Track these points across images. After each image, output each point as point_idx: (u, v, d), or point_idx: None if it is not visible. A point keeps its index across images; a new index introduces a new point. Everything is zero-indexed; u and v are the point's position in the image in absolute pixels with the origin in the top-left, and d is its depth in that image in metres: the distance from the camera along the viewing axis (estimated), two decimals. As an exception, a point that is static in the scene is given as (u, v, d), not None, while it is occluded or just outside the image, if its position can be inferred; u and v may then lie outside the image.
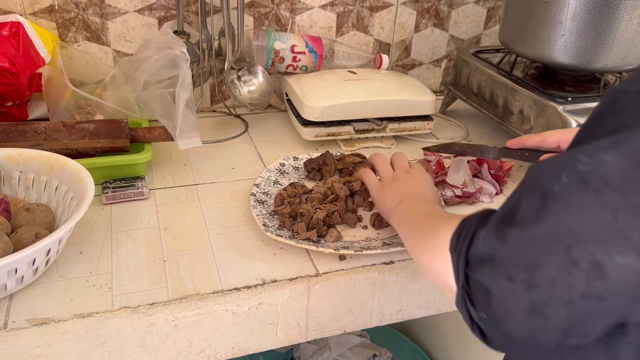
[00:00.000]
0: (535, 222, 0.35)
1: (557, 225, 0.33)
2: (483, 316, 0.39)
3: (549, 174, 0.35)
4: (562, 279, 0.33)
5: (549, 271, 0.34)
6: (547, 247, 0.34)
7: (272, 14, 1.02)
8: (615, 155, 0.32)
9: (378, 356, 1.16)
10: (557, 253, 0.33)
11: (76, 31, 0.93)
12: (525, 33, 0.88)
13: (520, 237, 0.36)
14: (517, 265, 0.36)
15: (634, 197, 0.31)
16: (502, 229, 0.37)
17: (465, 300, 0.40)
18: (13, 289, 0.55)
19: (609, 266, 0.32)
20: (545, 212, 0.34)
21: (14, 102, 0.82)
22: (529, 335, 0.37)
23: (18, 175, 0.67)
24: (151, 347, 0.58)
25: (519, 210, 0.36)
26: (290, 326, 0.64)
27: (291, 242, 0.64)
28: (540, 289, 0.34)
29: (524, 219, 0.36)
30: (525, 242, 0.35)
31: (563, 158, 0.34)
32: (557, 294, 0.34)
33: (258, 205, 0.72)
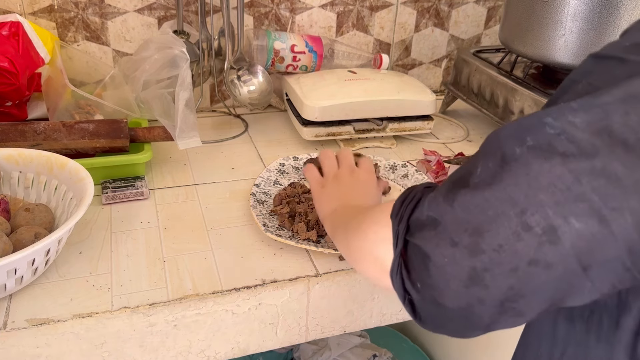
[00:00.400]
0: (490, 185, 0.33)
1: (513, 187, 0.32)
2: (417, 285, 0.37)
3: (512, 137, 0.33)
4: (510, 245, 0.32)
5: (497, 236, 0.32)
6: (499, 211, 0.32)
7: (272, 14, 1.02)
8: (584, 117, 0.30)
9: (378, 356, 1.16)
10: (509, 217, 0.32)
11: (76, 31, 0.93)
12: (525, 33, 0.87)
13: (471, 199, 0.34)
14: (463, 229, 0.34)
15: (599, 161, 0.30)
16: (453, 191, 0.36)
17: (401, 267, 0.39)
18: (13, 289, 0.55)
19: (564, 231, 0.30)
20: (503, 175, 0.33)
21: (13, 102, 0.82)
22: (464, 307, 0.35)
23: (17, 175, 0.67)
24: (151, 347, 0.58)
25: (473, 174, 0.35)
26: (290, 326, 0.64)
27: (291, 242, 0.64)
28: (485, 255, 0.33)
29: (478, 182, 0.34)
30: (476, 204, 0.34)
31: (529, 120, 0.33)
32: (502, 260, 0.33)
33: (258, 205, 0.72)
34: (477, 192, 0.34)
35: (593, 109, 0.30)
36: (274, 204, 0.72)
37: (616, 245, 0.30)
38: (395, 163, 0.84)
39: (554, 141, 0.31)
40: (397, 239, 0.39)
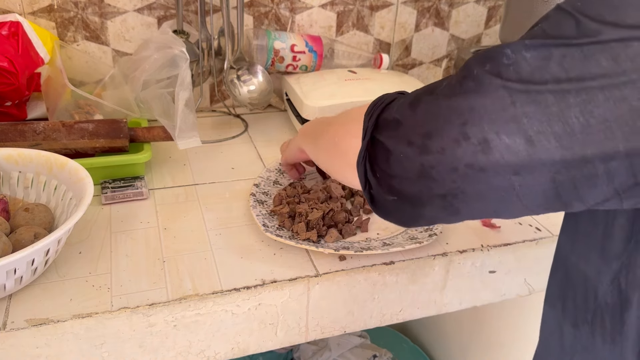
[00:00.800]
0: (446, 96, 0.38)
1: (462, 102, 0.37)
2: (377, 175, 0.43)
3: (477, 61, 0.37)
4: (451, 149, 0.37)
5: (441, 140, 0.38)
6: (446, 119, 0.37)
7: (272, 13, 1.02)
8: (532, 54, 0.34)
9: (378, 357, 1.15)
10: (453, 125, 0.37)
11: (75, 31, 0.93)
12: (525, 32, 0.87)
13: (429, 107, 0.39)
14: (417, 132, 0.40)
15: (534, 90, 0.34)
16: (418, 98, 0.41)
17: (366, 158, 0.44)
18: (12, 290, 0.55)
19: (495, 144, 0.35)
20: (459, 90, 0.37)
21: (13, 102, 0.82)
22: (415, 194, 0.41)
23: (17, 175, 0.67)
24: (150, 347, 0.58)
25: (439, 87, 0.40)
26: (290, 327, 0.63)
27: (291, 243, 0.64)
28: (431, 155, 0.38)
29: (439, 93, 0.39)
30: (432, 112, 0.39)
31: (493, 50, 0.37)
32: (444, 161, 0.38)
33: (258, 205, 0.71)
34: (436, 101, 0.39)
35: (541, 49, 0.34)
36: (274, 204, 0.72)
37: (541, 165, 0.34)
38: None
39: (505, 69, 0.35)
40: (365, 133, 0.45)
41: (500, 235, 0.70)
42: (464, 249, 0.68)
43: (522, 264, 0.71)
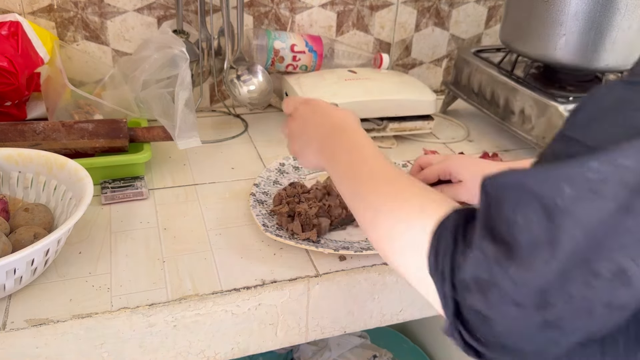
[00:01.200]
0: (550, 246, 0.31)
1: (569, 243, 0.31)
2: (482, 340, 0.36)
3: (543, 185, 0.32)
4: (581, 294, 0.31)
5: (564, 291, 0.31)
6: (564, 269, 0.31)
7: (272, 13, 1.02)
8: (637, 158, 0.29)
9: (378, 357, 1.15)
10: (575, 272, 0.31)
11: (75, 30, 0.93)
12: (526, 32, 0.87)
13: (531, 264, 0.32)
14: (526, 292, 0.32)
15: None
16: (502, 252, 0.33)
17: (459, 328, 0.37)
18: (12, 290, 0.55)
19: (634, 272, 0.30)
20: (558, 233, 0.31)
21: (12, 102, 0.82)
22: (538, 350, 0.34)
23: (17, 175, 0.67)
24: (150, 347, 0.58)
25: (516, 229, 0.33)
26: (290, 327, 0.63)
27: (290, 242, 0.64)
28: (556, 308, 0.32)
29: (531, 242, 0.32)
30: (537, 268, 0.32)
31: (561, 165, 0.31)
32: (575, 308, 0.32)
33: (257, 205, 0.71)
34: (536, 256, 0.32)
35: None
36: (273, 204, 0.72)
37: None
38: (396, 163, 0.84)
39: (599, 187, 0.30)
40: (445, 300, 0.37)
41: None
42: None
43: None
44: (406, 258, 0.42)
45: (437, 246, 0.38)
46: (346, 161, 0.52)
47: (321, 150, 0.56)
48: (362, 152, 0.52)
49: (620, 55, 0.82)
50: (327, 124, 0.57)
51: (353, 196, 0.49)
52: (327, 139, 0.56)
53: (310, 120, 0.59)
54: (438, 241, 0.38)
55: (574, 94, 0.85)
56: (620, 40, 0.80)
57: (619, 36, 0.79)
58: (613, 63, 0.82)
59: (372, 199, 0.46)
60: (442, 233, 0.39)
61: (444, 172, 0.69)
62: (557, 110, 0.82)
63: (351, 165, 0.51)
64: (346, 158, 0.52)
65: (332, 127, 0.57)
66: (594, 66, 0.83)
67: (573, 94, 0.85)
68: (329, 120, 0.58)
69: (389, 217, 0.44)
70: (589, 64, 0.83)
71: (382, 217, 0.44)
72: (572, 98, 0.83)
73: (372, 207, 0.46)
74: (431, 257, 0.39)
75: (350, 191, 0.50)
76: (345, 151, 0.53)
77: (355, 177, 0.49)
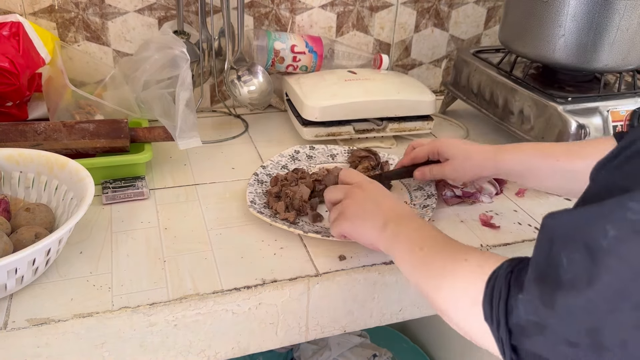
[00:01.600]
0: (590, 284, 0.32)
1: (616, 283, 0.31)
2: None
3: (588, 227, 0.32)
4: (635, 338, 0.31)
5: (617, 332, 0.32)
6: (610, 308, 0.31)
7: (272, 14, 1.02)
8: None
9: (378, 356, 1.16)
10: (624, 311, 0.31)
11: (76, 31, 0.93)
12: (525, 33, 0.88)
13: (575, 301, 0.33)
14: (576, 330, 0.33)
15: None
16: (548, 293, 0.34)
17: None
18: (13, 289, 0.55)
19: None
20: (599, 271, 0.31)
21: (14, 102, 0.82)
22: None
23: (18, 175, 0.67)
24: (151, 347, 0.58)
25: (560, 268, 0.33)
26: (290, 326, 0.64)
27: (267, 220, 0.67)
28: (611, 352, 0.32)
29: (573, 280, 0.33)
30: (582, 306, 0.32)
31: (601, 208, 0.32)
32: (631, 353, 0.31)
33: (256, 184, 0.74)
34: (579, 293, 0.33)
35: None
36: (270, 185, 0.74)
37: None
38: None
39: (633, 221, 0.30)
40: (502, 345, 0.39)
41: (500, 235, 0.70)
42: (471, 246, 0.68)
43: (522, 264, 0.72)
44: (469, 313, 0.43)
45: (491, 293, 0.40)
46: (414, 236, 0.54)
47: (383, 228, 0.57)
48: (425, 230, 0.55)
49: (619, 56, 0.82)
50: (389, 208, 0.60)
51: (418, 267, 0.51)
52: (391, 221, 0.57)
53: (369, 203, 0.61)
54: (492, 288, 0.40)
55: (573, 94, 0.85)
56: (619, 41, 0.80)
57: (618, 37, 0.80)
58: (612, 63, 0.83)
59: (438, 265, 0.49)
60: (496, 281, 0.40)
61: (433, 151, 0.73)
62: (556, 111, 0.82)
63: (419, 240, 0.53)
64: (414, 234, 0.54)
65: (394, 211, 0.59)
66: (592, 66, 0.84)
67: (572, 94, 0.86)
68: (390, 204, 0.60)
69: (451, 278, 0.46)
70: (587, 64, 0.83)
71: (445, 280, 0.47)
72: (571, 98, 0.83)
73: (438, 272, 0.48)
74: (486, 304, 0.40)
75: (415, 263, 0.52)
76: (412, 229, 0.55)
77: (422, 248, 0.52)
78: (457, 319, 0.46)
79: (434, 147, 0.73)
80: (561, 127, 0.81)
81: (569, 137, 0.80)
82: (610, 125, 0.82)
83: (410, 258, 0.53)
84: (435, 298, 0.48)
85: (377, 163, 0.84)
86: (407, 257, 0.53)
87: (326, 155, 0.87)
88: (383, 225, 0.57)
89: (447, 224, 0.73)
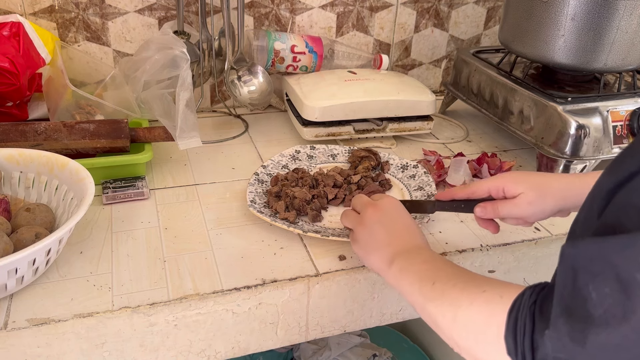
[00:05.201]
0: (623, 319, 0.31)
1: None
2: None
3: (618, 258, 0.31)
4: None
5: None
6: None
7: (272, 14, 1.02)
8: None
9: (378, 356, 1.16)
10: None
11: (76, 31, 0.93)
12: (525, 33, 0.88)
13: (607, 338, 0.31)
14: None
15: None
16: (578, 330, 0.33)
17: None
18: (13, 289, 0.55)
19: None
20: (635, 306, 0.30)
21: (14, 102, 0.82)
22: None
23: (18, 175, 0.67)
24: (151, 347, 0.58)
25: (589, 302, 0.32)
26: (290, 326, 0.64)
27: (267, 219, 0.67)
28: None
29: (605, 316, 0.31)
30: (616, 344, 0.31)
31: (633, 239, 0.31)
32: None
33: (256, 184, 0.74)
34: (611, 329, 0.31)
35: None
36: (270, 184, 0.74)
37: None
38: (408, 163, 0.84)
39: None
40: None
41: (499, 235, 0.70)
42: (464, 248, 0.68)
43: (522, 264, 0.72)
44: (490, 347, 0.41)
45: (514, 326, 0.38)
46: (424, 269, 0.52)
47: (390, 264, 0.55)
48: (437, 262, 0.52)
49: (619, 56, 0.82)
50: (399, 237, 0.57)
51: (431, 300, 0.48)
52: (399, 255, 0.55)
53: (380, 229, 0.58)
54: (515, 321, 0.38)
55: (573, 95, 0.85)
56: (619, 41, 0.80)
57: (618, 37, 0.80)
58: (611, 64, 0.83)
59: (453, 296, 0.46)
60: (518, 312, 0.38)
61: (497, 188, 0.63)
62: (556, 111, 0.82)
63: (429, 272, 0.51)
64: (423, 267, 0.52)
65: (404, 241, 0.57)
66: (592, 67, 0.84)
67: (572, 94, 0.86)
68: (401, 231, 0.58)
69: (470, 310, 0.44)
70: (587, 64, 0.83)
71: (461, 312, 0.44)
72: (571, 98, 0.84)
73: (453, 305, 0.45)
74: (509, 338, 0.38)
75: (427, 296, 0.49)
76: (421, 262, 0.53)
77: (435, 282, 0.49)
78: (475, 351, 0.43)
79: (497, 184, 0.63)
80: (561, 127, 0.81)
81: (569, 137, 0.80)
82: (610, 126, 0.82)
83: (420, 292, 0.50)
84: (450, 330, 0.46)
85: (377, 163, 0.84)
86: (417, 291, 0.50)
87: (327, 155, 0.88)
88: (390, 261, 0.55)
89: (447, 224, 0.73)
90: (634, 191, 0.32)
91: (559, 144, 0.81)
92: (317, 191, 0.74)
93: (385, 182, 0.80)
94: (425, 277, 0.50)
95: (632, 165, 0.33)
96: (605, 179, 0.35)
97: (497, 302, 0.41)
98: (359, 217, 0.61)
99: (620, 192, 0.33)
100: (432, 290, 0.48)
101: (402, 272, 0.53)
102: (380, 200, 0.61)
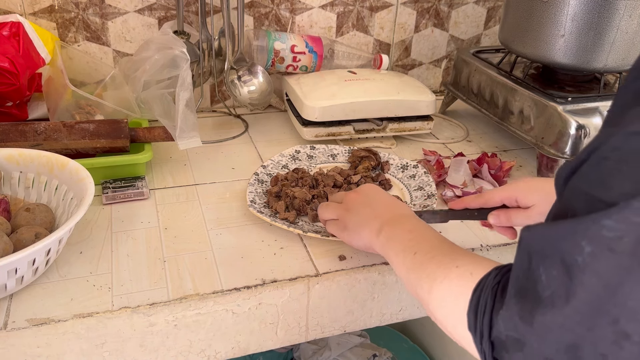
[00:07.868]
0: (567, 300, 0.32)
1: (594, 299, 0.31)
2: None
3: (564, 242, 0.32)
4: (614, 353, 0.31)
5: (597, 348, 0.31)
6: (589, 324, 0.31)
7: (272, 14, 1.02)
8: None
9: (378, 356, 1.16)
10: (603, 327, 0.31)
11: (76, 31, 0.93)
12: (525, 33, 0.88)
13: (552, 318, 0.33)
14: (555, 349, 0.33)
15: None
16: (527, 310, 0.34)
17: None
18: (13, 289, 0.55)
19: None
20: (576, 288, 0.31)
21: (14, 102, 0.82)
22: None
23: (18, 175, 0.67)
24: (151, 347, 0.58)
25: (539, 284, 0.33)
26: (290, 326, 0.64)
27: (267, 219, 0.67)
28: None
29: (551, 297, 0.33)
30: (560, 323, 0.32)
31: (580, 224, 0.31)
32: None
33: (256, 184, 0.74)
34: (556, 310, 0.32)
35: None
36: (270, 184, 0.74)
37: None
38: (408, 163, 0.84)
39: (616, 245, 0.30)
40: (485, 357, 0.39)
41: (499, 235, 0.70)
42: (464, 248, 0.68)
43: (522, 264, 0.71)
44: (457, 321, 0.43)
45: (476, 304, 0.40)
46: (408, 239, 0.54)
47: (379, 233, 0.57)
48: (422, 232, 0.55)
49: (619, 56, 0.82)
50: (384, 209, 0.60)
51: (412, 270, 0.51)
52: (386, 224, 0.58)
53: (365, 208, 0.61)
54: (478, 299, 0.40)
55: (573, 95, 0.85)
56: (619, 41, 0.80)
57: (618, 37, 0.80)
58: (612, 64, 0.83)
59: (430, 269, 0.48)
60: (482, 291, 0.41)
61: (510, 198, 0.64)
62: (556, 111, 0.82)
63: (412, 242, 0.53)
64: (407, 236, 0.54)
65: (389, 212, 0.59)
66: (592, 67, 0.84)
67: (572, 94, 0.86)
68: (385, 204, 0.61)
69: (441, 284, 0.46)
70: (587, 64, 0.83)
71: (436, 285, 0.47)
72: (571, 98, 0.84)
73: (429, 277, 0.48)
74: (470, 315, 0.41)
75: (409, 266, 0.51)
76: (406, 231, 0.55)
77: (416, 252, 0.51)
78: (446, 324, 0.46)
79: (510, 193, 0.64)
80: (561, 127, 0.81)
81: (569, 137, 0.80)
82: (610, 126, 0.82)
83: (404, 262, 0.52)
84: (427, 302, 0.48)
85: (377, 163, 0.84)
86: (401, 261, 0.53)
87: (327, 155, 0.88)
88: (378, 230, 0.58)
89: (448, 224, 0.72)
90: (582, 176, 0.34)
91: (559, 144, 0.81)
92: (317, 191, 0.74)
93: (385, 182, 0.80)
94: (408, 247, 0.53)
95: (583, 153, 0.34)
96: (567, 166, 0.36)
97: (467, 279, 0.43)
98: (342, 205, 0.63)
99: (573, 178, 0.35)
100: (413, 261, 0.51)
101: (388, 241, 0.56)
102: (358, 187, 0.65)
